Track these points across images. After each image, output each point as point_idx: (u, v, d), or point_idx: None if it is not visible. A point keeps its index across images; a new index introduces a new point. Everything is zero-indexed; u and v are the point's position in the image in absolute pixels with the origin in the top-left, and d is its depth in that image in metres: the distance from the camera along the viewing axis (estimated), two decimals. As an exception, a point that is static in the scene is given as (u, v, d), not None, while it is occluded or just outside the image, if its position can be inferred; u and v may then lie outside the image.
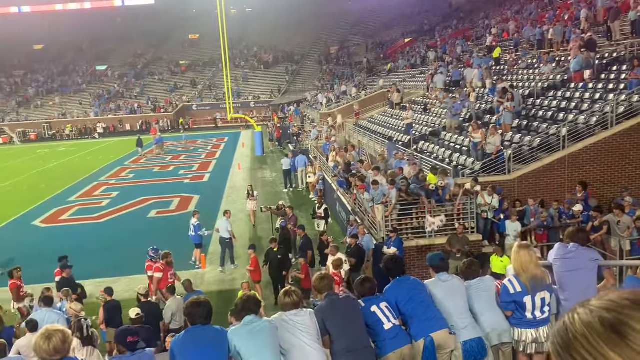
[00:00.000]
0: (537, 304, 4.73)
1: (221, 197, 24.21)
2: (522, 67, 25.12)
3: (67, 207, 24.12)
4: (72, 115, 63.48)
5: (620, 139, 15.20)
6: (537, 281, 4.68)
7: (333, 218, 17.78)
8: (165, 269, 11.55)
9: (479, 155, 16.61)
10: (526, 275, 4.70)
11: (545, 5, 36.10)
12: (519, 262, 4.78)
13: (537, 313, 4.75)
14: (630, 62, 17.74)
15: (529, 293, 4.69)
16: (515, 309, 4.80)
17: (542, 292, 4.72)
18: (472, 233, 13.41)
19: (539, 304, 4.73)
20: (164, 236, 18.50)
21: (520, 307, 4.76)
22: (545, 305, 4.76)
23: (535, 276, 4.68)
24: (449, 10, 64.74)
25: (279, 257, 12.59)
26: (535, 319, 4.76)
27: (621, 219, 12.45)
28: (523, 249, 4.81)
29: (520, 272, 4.75)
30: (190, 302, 4.40)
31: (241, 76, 69.50)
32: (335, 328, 4.57)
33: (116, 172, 33.23)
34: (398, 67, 46.75)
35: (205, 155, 38.82)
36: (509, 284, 4.80)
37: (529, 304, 4.73)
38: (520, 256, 4.77)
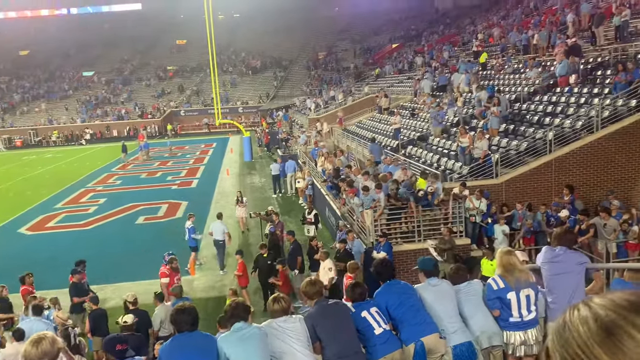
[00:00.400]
0: (522, 302, 4.78)
1: (210, 203, 24.10)
2: (508, 72, 25.35)
3: (53, 214, 23.89)
4: (58, 122, 62.95)
5: (605, 143, 15.38)
6: (519, 278, 4.75)
7: (322, 223, 17.77)
8: (171, 274, 11.60)
9: (467, 160, 16.71)
10: (508, 273, 4.82)
11: (531, 11, 36.52)
12: (502, 263, 4.91)
13: (524, 312, 4.78)
14: (614, 66, 17.97)
15: (512, 289, 4.77)
16: (501, 307, 4.84)
17: (526, 289, 4.77)
18: (460, 237, 13.48)
19: (524, 302, 4.78)
20: (152, 243, 18.40)
21: (505, 304, 4.82)
22: (531, 304, 4.79)
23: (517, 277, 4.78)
24: (435, 15, 65.25)
25: (269, 263, 12.58)
26: (522, 319, 4.79)
27: (607, 222, 12.58)
28: (506, 255, 4.93)
29: (503, 272, 4.85)
30: (175, 309, 4.37)
31: (229, 81, 69.40)
32: (325, 334, 4.56)
33: (103, 178, 32.98)
34: (386, 73, 46.97)
35: (194, 161, 38.65)
36: (492, 281, 4.95)
37: (513, 300, 4.79)
38: (503, 259, 4.92)
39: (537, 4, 37.42)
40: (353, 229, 14.11)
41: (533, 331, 4.83)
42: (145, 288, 13.31)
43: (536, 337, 4.82)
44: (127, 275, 14.65)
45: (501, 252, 5.03)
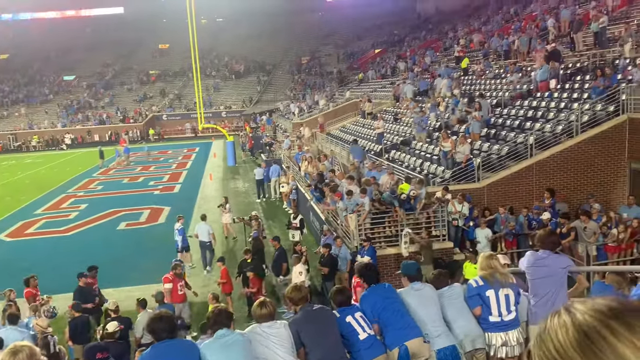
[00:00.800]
0: (501, 300, 4.83)
1: (192, 208, 23.92)
2: (489, 77, 25.62)
3: (33, 220, 23.53)
4: (39, 126, 62.09)
5: (585, 147, 15.61)
6: (498, 277, 4.84)
7: (307, 228, 17.74)
8: (174, 279, 11.48)
9: (449, 164, 16.84)
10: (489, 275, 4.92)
11: (511, 17, 37.00)
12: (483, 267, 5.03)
13: (503, 311, 4.83)
14: (592, 72, 18.27)
15: (491, 287, 4.84)
16: (481, 304, 4.89)
17: (505, 288, 4.82)
18: (443, 240, 13.56)
19: (503, 301, 4.83)
20: (134, 249, 18.22)
21: (484, 302, 4.88)
22: (511, 304, 4.84)
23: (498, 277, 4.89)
24: (417, 21, 65.73)
25: (252, 268, 12.51)
26: (502, 318, 4.83)
27: (587, 225, 12.76)
28: (487, 259, 5.02)
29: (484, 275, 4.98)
30: (152, 318, 4.31)
31: (212, 86, 69.12)
32: (310, 340, 4.54)
33: (84, 183, 32.58)
34: (369, 77, 47.18)
35: (176, 166, 38.39)
36: (472, 280, 5.09)
37: (492, 298, 4.85)
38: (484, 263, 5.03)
39: (518, 10, 37.94)
40: (337, 233, 14.12)
41: (514, 332, 4.87)
42: (127, 294, 13.18)
43: (517, 338, 4.87)
44: (109, 282, 14.44)
45: (483, 256, 5.09)
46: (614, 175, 15.75)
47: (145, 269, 15.99)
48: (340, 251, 12.53)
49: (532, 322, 4.93)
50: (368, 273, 5.18)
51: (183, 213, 22.57)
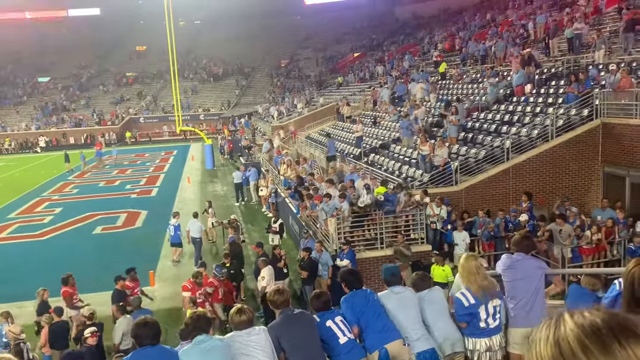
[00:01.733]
0: (489, 312, 4.85)
1: (170, 212, 23.62)
2: (466, 81, 25.93)
3: (6, 224, 23.03)
4: (12, 129, 60.86)
5: (560, 151, 15.89)
6: (486, 290, 4.80)
7: (287, 232, 17.70)
8: (193, 287, 11.14)
9: (427, 167, 16.98)
10: (474, 286, 4.81)
11: (488, 22, 37.50)
12: (465, 273, 4.91)
13: (490, 321, 4.86)
14: (567, 77, 18.62)
15: (482, 303, 4.81)
16: (470, 321, 4.90)
17: (493, 300, 4.84)
18: (422, 244, 13.66)
19: (491, 312, 4.85)
20: (110, 253, 17.95)
21: (475, 318, 4.87)
22: (497, 312, 4.87)
23: (483, 287, 4.81)
24: (395, 25, 66.21)
25: (231, 272, 12.44)
26: (488, 326, 4.86)
27: (563, 227, 12.98)
28: (470, 260, 4.94)
29: (468, 284, 4.86)
30: (137, 323, 4.27)
31: (190, 88, 68.63)
32: (290, 345, 4.52)
33: (59, 187, 32.01)
34: (348, 81, 47.36)
35: (153, 169, 37.96)
36: (462, 297, 4.88)
37: (482, 313, 4.84)
38: (466, 268, 4.90)
39: (494, 16, 38.48)
40: (317, 236, 14.12)
41: (497, 337, 4.90)
42: (104, 299, 12.92)
43: (500, 342, 4.91)
44: (86, 287, 14.18)
45: (464, 258, 5.02)
46: (588, 179, 16.06)
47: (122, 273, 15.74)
48: (321, 257, 12.37)
49: (512, 325, 4.99)
50: (350, 278, 5.17)
51: (160, 217, 22.50)
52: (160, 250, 18.13)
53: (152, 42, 74.73)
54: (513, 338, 4.96)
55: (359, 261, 12.72)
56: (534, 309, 4.86)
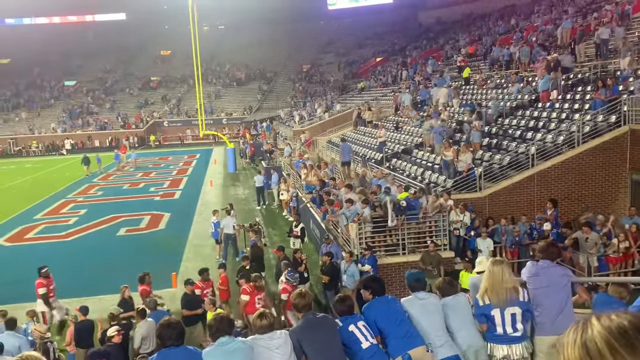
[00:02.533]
0: (506, 319, 4.78)
1: (193, 215, 23.90)
2: (490, 86, 25.68)
3: (33, 225, 23.48)
4: (39, 131, 62.17)
5: (586, 157, 15.63)
6: (504, 295, 4.75)
7: (308, 236, 17.70)
8: (252, 292, 10.79)
9: (451, 173, 16.83)
10: (492, 291, 4.80)
11: (512, 27, 37.15)
12: (486, 275, 4.89)
13: (508, 329, 4.78)
14: (594, 83, 18.32)
15: (496, 306, 4.79)
16: (486, 322, 4.87)
17: (511, 307, 4.77)
18: (444, 250, 13.53)
19: (508, 319, 4.78)
20: (134, 255, 18.18)
21: (490, 320, 4.85)
22: (517, 322, 4.78)
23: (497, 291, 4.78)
24: (418, 31, 65.99)
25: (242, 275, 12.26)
26: (506, 334, 4.79)
27: (589, 235, 12.74)
28: (497, 265, 4.88)
29: (489, 286, 4.84)
30: (161, 323, 4.32)
31: (213, 93, 69.29)
32: (311, 349, 4.51)
33: (84, 189, 32.55)
34: (370, 86, 47.31)
35: (177, 172, 38.37)
36: (480, 298, 4.93)
37: (497, 317, 4.80)
38: (489, 270, 4.88)
39: (518, 21, 38.11)
40: (337, 241, 14.10)
41: (518, 347, 4.82)
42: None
43: (521, 353, 4.81)
44: (109, 288, 14.38)
45: (491, 262, 4.97)
46: (615, 186, 15.75)
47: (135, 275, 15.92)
48: (348, 267, 12.00)
49: (538, 334, 4.90)
50: (374, 285, 5.14)
51: (183, 219, 22.75)
52: (183, 252, 18.29)
53: (177, 46, 75.69)
54: (539, 346, 4.89)
55: (380, 267, 12.65)
56: (560, 317, 4.78)
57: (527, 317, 4.85)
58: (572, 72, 20.60)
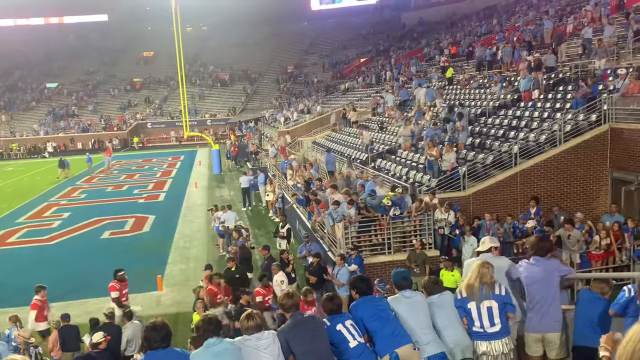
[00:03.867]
0: (483, 313, 4.86)
1: (177, 217, 23.77)
2: (473, 86, 25.90)
3: (15, 229, 23.17)
4: (20, 134, 61.31)
5: (568, 156, 15.84)
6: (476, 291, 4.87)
7: (294, 237, 17.69)
8: (266, 292, 10.91)
9: (435, 172, 16.95)
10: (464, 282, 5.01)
11: (494, 27, 37.52)
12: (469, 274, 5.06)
13: (485, 322, 4.85)
14: (575, 82, 18.58)
15: (472, 300, 4.90)
16: (465, 316, 4.98)
17: (487, 300, 4.86)
18: (429, 249, 13.62)
19: (485, 313, 4.85)
20: (118, 258, 18.00)
21: (468, 314, 4.95)
22: (494, 316, 4.85)
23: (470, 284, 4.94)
24: (402, 31, 66.31)
25: (237, 277, 12.27)
26: (484, 330, 4.86)
27: (571, 233, 12.92)
28: (479, 267, 5.00)
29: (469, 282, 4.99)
30: (147, 326, 4.29)
31: (197, 94, 68.93)
32: (300, 348, 4.52)
33: (67, 192, 32.19)
34: (354, 87, 47.43)
35: (161, 174, 38.12)
36: (458, 292, 5.12)
37: (474, 311, 4.91)
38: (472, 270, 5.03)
39: (501, 21, 38.49)
40: (324, 241, 14.13)
41: (497, 343, 4.87)
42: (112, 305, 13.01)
43: (501, 349, 4.87)
44: (93, 291, 14.28)
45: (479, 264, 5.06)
46: (596, 184, 15.99)
47: (130, 278, 15.73)
48: (339, 271, 11.77)
49: (525, 330, 4.98)
50: (360, 284, 5.18)
51: (168, 221, 22.63)
52: (168, 255, 18.19)
53: (160, 48, 75.26)
54: (527, 341, 4.99)
55: (367, 266, 12.70)
56: (548, 314, 4.86)
57: (505, 311, 4.92)
58: (554, 71, 20.84)
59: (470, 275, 5.04)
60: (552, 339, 5.02)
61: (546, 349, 5.05)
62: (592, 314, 4.96)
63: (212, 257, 17.46)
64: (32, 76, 76.53)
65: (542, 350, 5.08)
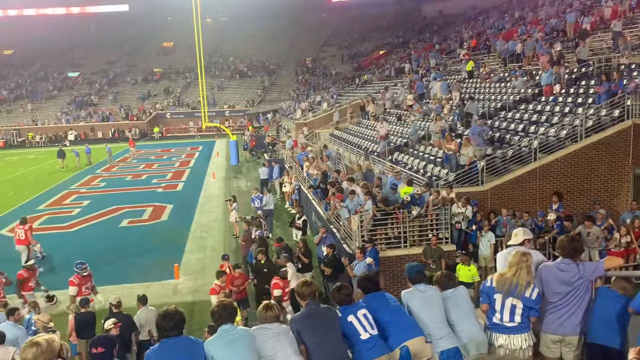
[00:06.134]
0: (506, 307, 4.80)
1: (195, 207, 23.95)
2: (494, 80, 25.59)
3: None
4: (42, 122, 62.22)
5: (588, 152, 15.59)
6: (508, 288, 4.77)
7: (310, 229, 17.70)
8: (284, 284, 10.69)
9: (453, 167, 16.81)
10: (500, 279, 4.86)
11: (516, 21, 36.96)
12: (511, 262, 4.89)
13: (506, 316, 4.80)
14: (598, 77, 18.24)
15: (499, 291, 4.84)
16: (488, 303, 4.92)
17: (513, 298, 4.79)
18: (446, 243, 13.55)
19: (508, 309, 4.79)
20: (136, 246, 18.25)
21: (491, 303, 4.91)
22: (516, 314, 4.79)
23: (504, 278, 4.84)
24: (422, 24, 65.71)
25: (265, 271, 11.89)
26: (503, 322, 4.82)
27: (591, 230, 12.74)
28: (517, 255, 4.87)
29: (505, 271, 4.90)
30: (159, 314, 4.30)
31: (216, 85, 69.19)
32: (311, 339, 4.50)
33: (87, 180, 32.62)
34: (373, 79, 47.17)
35: (179, 164, 38.42)
36: (489, 279, 5.06)
37: (498, 302, 4.85)
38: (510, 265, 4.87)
39: (523, 15, 37.90)
40: (340, 233, 14.12)
41: (517, 338, 4.82)
42: (129, 291, 13.21)
43: (520, 344, 4.81)
44: (111, 278, 14.48)
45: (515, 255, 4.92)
46: (617, 181, 15.73)
47: (147, 266, 16.02)
48: (357, 265, 11.59)
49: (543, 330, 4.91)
50: (366, 283, 5.12)
51: (186, 211, 22.82)
52: (185, 244, 18.35)
53: (180, 38, 75.59)
54: (544, 341, 4.92)
55: (382, 259, 12.68)
56: (571, 318, 4.78)
57: (528, 313, 4.83)
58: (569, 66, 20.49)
59: (508, 267, 4.88)
60: (572, 341, 4.93)
61: (563, 349, 4.97)
62: (610, 313, 4.86)
63: (229, 247, 17.58)
64: (54, 65, 77.46)
65: (559, 351, 4.99)
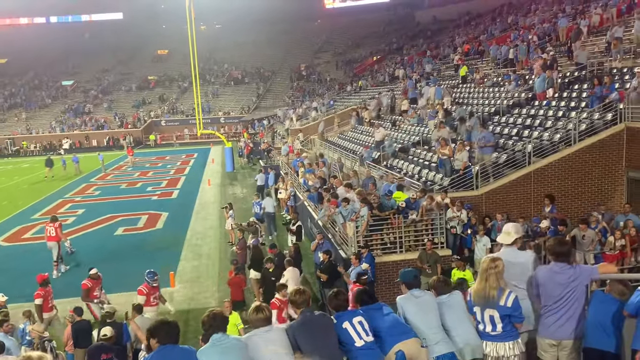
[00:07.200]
0: (485, 318, 4.83)
1: (190, 214, 23.90)
2: (487, 85, 25.70)
3: (31, 224, 23.44)
4: (37, 131, 62.05)
5: (582, 155, 15.67)
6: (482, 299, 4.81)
7: (305, 235, 17.69)
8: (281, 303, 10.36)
9: (447, 171, 16.85)
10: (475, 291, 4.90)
11: (509, 25, 37.19)
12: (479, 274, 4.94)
13: (488, 327, 4.83)
14: (590, 81, 18.36)
15: (476, 304, 4.89)
16: (473, 314, 4.96)
17: (490, 309, 4.80)
18: (441, 248, 13.56)
19: (487, 319, 4.82)
20: (132, 254, 18.18)
21: (474, 313, 4.95)
22: (496, 323, 4.80)
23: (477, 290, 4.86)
24: (416, 30, 66.01)
25: (272, 279, 11.80)
26: (485, 332, 4.85)
27: (585, 233, 12.78)
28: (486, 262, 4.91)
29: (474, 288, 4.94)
30: (156, 321, 4.32)
31: (211, 92, 69.24)
32: (307, 346, 4.50)
33: (82, 188, 32.52)
34: (368, 85, 47.31)
35: (174, 172, 38.36)
36: (468, 292, 5.09)
37: (478, 314, 4.90)
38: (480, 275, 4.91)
39: (516, 20, 38.13)
40: (335, 239, 14.12)
41: (502, 345, 4.81)
42: (125, 299, 13.12)
43: (505, 352, 4.80)
44: (107, 287, 14.36)
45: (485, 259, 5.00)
46: (611, 184, 15.80)
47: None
48: (353, 270, 11.53)
49: (539, 334, 4.91)
50: (363, 297, 5.12)
51: (181, 219, 22.76)
52: (181, 251, 18.30)
53: (174, 46, 75.74)
54: (541, 345, 4.93)
55: (378, 265, 12.68)
56: (569, 321, 4.78)
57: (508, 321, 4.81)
58: (562, 70, 20.59)
59: (479, 276, 4.93)
60: (569, 345, 4.93)
61: (560, 353, 4.97)
62: (605, 316, 4.86)
63: (225, 255, 17.54)
64: (48, 74, 77.37)
65: (557, 355, 4.99)
